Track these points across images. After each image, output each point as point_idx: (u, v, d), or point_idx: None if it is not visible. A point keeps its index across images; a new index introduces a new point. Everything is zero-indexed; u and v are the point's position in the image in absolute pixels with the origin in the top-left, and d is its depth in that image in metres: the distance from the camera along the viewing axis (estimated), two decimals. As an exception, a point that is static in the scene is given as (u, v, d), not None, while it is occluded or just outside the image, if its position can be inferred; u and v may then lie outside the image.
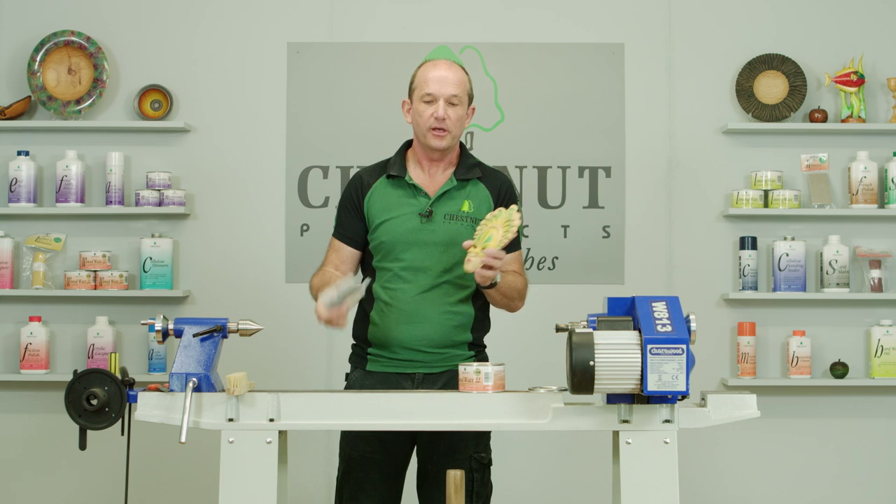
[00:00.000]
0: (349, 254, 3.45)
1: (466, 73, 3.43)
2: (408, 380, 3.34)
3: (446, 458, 3.30)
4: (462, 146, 3.48)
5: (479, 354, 3.45)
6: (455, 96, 3.33)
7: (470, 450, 3.33)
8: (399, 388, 3.29)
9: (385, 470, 3.37)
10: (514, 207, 3.22)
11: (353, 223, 3.43)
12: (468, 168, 3.42)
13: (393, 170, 3.41)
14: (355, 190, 3.44)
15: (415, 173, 3.42)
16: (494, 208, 3.39)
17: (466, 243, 3.21)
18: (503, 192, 3.44)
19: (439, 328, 3.33)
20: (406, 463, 3.43)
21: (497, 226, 3.18)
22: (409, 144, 3.49)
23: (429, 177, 3.41)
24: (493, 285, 3.26)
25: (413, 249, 3.35)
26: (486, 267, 3.15)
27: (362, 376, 3.39)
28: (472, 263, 3.15)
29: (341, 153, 4.92)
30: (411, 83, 3.42)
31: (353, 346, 3.48)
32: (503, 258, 3.18)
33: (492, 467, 3.42)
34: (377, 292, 3.39)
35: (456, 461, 3.28)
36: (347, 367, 3.52)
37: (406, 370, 3.34)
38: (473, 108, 3.45)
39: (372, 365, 3.39)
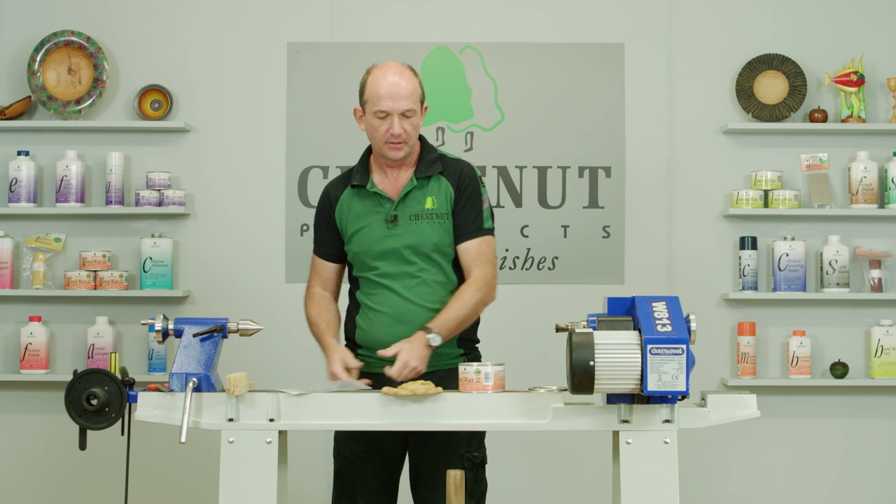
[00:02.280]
0: (332, 270, 3.47)
1: (415, 73, 3.37)
2: (398, 380, 3.34)
3: (438, 457, 3.30)
4: (423, 141, 3.44)
5: (471, 352, 3.45)
6: (409, 109, 3.29)
7: (462, 449, 3.33)
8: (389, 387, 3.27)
9: (377, 469, 3.37)
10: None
11: (329, 239, 3.44)
12: (429, 164, 3.39)
13: (356, 179, 3.40)
14: (325, 205, 3.45)
15: (378, 179, 3.40)
16: (455, 197, 3.37)
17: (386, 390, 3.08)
18: (463, 180, 3.39)
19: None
20: (399, 462, 3.43)
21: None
22: (371, 149, 3.46)
23: (392, 181, 3.40)
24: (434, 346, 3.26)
25: (385, 256, 3.35)
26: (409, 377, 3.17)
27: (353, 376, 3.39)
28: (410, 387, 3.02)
29: (341, 153, 4.92)
30: (361, 93, 3.36)
31: (346, 345, 3.48)
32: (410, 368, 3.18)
33: (489, 466, 3.42)
34: (360, 299, 3.41)
35: (448, 461, 3.28)
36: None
37: None
38: (426, 106, 3.40)
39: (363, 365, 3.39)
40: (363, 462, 3.36)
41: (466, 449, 3.34)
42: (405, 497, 3.47)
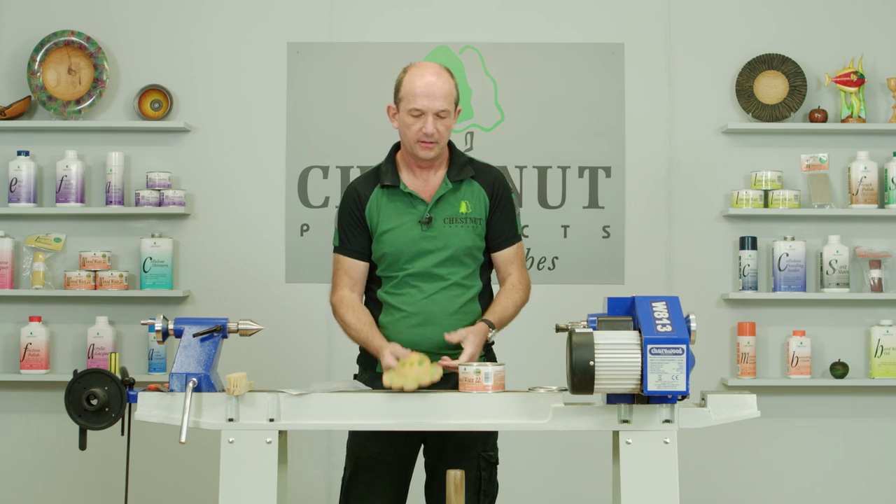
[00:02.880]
0: (361, 269, 3.41)
1: (452, 76, 3.37)
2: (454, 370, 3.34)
3: (455, 457, 3.31)
4: (451, 144, 3.45)
5: (489, 353, 3.46)
6: (443, 110, 3.29)
7: (478, 449, 3.34)
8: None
9: (394, 470, 3.37)
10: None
11: (359, 237, 3.40)
12: (460, 168, 3.40)
13: (386, 179, 3.38)
14: (354, 203, 3.41)
15: (408, 179, 3.40)
16: (490, 204, 3.39)
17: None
18: (497, 188, 3.42)
19: (449, 330, 3.31)
20: (414, 463, 3.43)
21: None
22: (397, 147, 3.46)
23: (423, 181, 3.40)
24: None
25: (417, 258, 3.34)
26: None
27: (372, 378, 3.37)
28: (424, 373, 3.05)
29: (341, 153, 4.92)
30: (397, 90, 3.36)
31: (362, 348, 3.46)
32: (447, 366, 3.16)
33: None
34: (383, 298, 3.39)
35: (465, 460, 3.30)
36: (346, 367, 3.51)
37: None
38: (459, 109, 3.41)
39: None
40: (381, 463, 3.35)
41: (483, 448, 3.35)
42: (413, 496, 3.46)
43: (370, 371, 3.39)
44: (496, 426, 3.01)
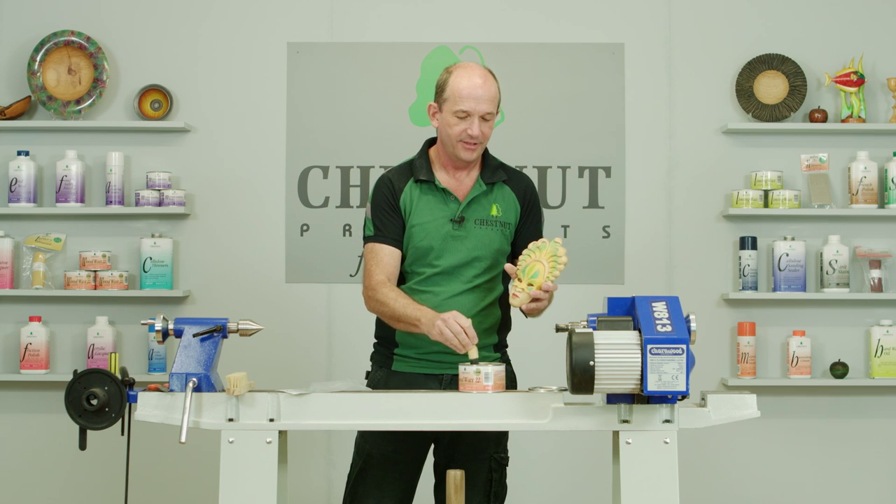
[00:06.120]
0: (397, 258, 3.36)
1: (495, 78, 3.36)
2: (435, 381, 3.33)
3: (468, 457, 3.30)
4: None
5: (504, 355, 3.47)
6: (489, 113, 3.29)
7: (491, 450, 3.34)
8: (426, 389, 3.26)
9: (403, 469, 3.36)
10: (558, 241, 3.17)
11: (395, 224, 3.35)
12: (493, 171, 3.40)
13: (421, 174, 3.36)
14: (389, 191, 3.37)
15: (441, 177, 3.38)
16: (521, 211, 3.40)
17: (509, 268, 3.20)
18: (528, 196, 3.43)
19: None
20: (423, 462, 3.42)
21: (542, 259, 3.14)
22: (429, 143, 3.45)
23: (455, 180, 3.39)
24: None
25: (446, 255, 3.33)
26: (535, 300, 3.14)
27: (387, 376, 3.37)
28: (519, 299, 3.14)
29: (341, 153, 4.92)
30: (441, 90, 3.33)
31: (376, 345, 3.46)
32: (551, 291, 3.16)
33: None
34: (406, 293, 3.37)
35: (477, 461, 3.30)
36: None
37: (434, 371, 3.33)
38: (498, 112, 3.42)
39: (398, 365, 3.37)
40: (392, 462, 3.34)
41: (495, 450, 3.35)
42: (418, 497, 3.46)
43: (385, 369, 3.39)
44: (496, 426, 3.01)
